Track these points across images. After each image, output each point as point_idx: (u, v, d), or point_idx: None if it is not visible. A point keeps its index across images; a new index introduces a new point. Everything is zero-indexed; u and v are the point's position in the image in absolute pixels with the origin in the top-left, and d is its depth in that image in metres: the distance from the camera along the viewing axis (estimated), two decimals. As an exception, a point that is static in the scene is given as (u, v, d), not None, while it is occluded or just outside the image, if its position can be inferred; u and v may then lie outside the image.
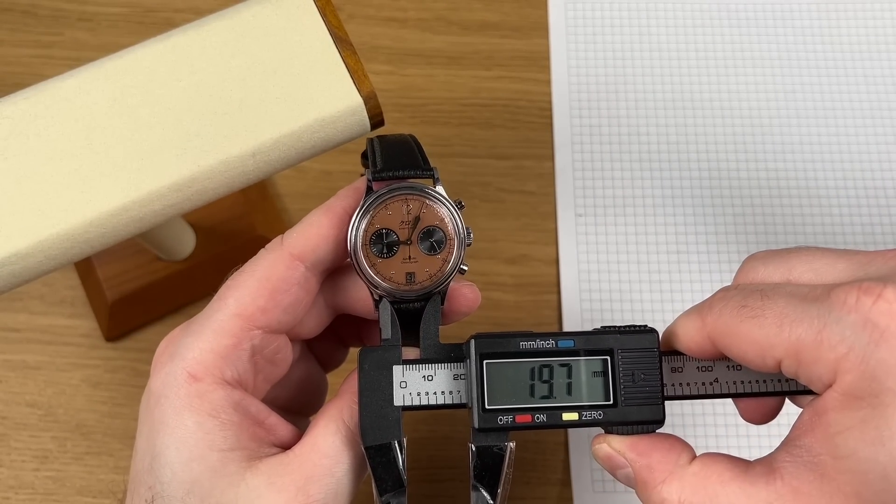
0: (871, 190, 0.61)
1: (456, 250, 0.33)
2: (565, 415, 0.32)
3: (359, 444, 0.32)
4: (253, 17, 0.41)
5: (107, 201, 0.38)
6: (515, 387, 0.32)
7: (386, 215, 0.33)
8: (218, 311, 0.32)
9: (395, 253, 0.33)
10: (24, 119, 0.39)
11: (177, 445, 0.30)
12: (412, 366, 0.32)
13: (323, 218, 0.33)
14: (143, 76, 0.40)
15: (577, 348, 0.32)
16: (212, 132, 0.39)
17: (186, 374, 0.31)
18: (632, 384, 0.32)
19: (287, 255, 0.33)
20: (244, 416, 0.32)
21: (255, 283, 0.32)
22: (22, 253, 0.37)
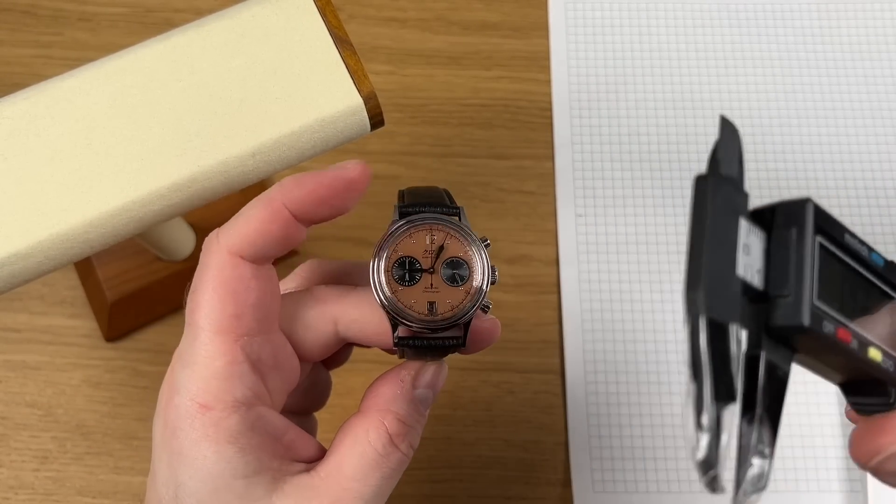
0: (872, 190, 0.61)
1: (479, 285, 0.33)
2: (872, 350, 0.25)
3: (388, 464, 0.32)
4: (253, 18, 0.41)
5: (107, 201, 0.38)
6: (841, 294, 0.24)
7: (409, 244, 0.32)
8: (197, 338, 0.31)
9: (417, 281, 0.32)
10: (23, 119, 0.39)
11: (200, 477, 0.30)
12: (756, 227, 0.23)
13: (261, 212, 0.31)
14: (142, 76, 0.40)
15: (882, 270, 0.26)
16: (212, 132, 0.39)
17: (197, 405, 0.30)
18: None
19: (226, 254, 0.31)
20: (263, 436, 0.31)
21: (214, 294, 0.31)
22: (22, 253, 0.37)
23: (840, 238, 0.25)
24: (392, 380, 0.33)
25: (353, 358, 0.57)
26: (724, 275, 0.22)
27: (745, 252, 0.23)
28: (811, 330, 0.23)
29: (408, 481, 0.54)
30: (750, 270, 0.23)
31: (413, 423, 0.33)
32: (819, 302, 0.23)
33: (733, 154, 0.23)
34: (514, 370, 0.57)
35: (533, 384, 0.56)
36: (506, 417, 0.56)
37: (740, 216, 0.23)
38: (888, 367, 0.26)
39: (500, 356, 0.57)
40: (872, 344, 0.25)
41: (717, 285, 0.22)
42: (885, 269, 0.26)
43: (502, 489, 0.54)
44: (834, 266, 0.24)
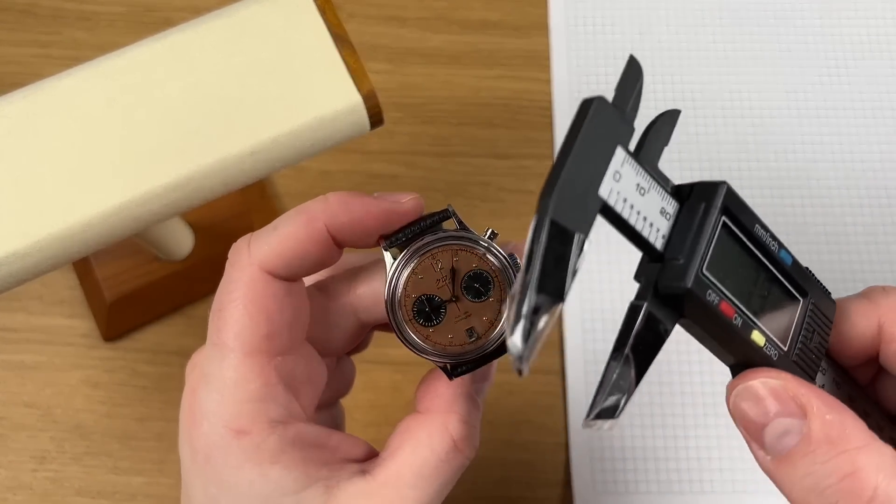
0: (873, 189, 0.61)
1: (507, 283, 0.30)
2: (755, 334, 0.25)
3: (450, 469, 0.30)
4: (252, 16, 0.41)
5: (105, 201, 0.38)
6: (727, 268, 0.25)
7: (418, 281, 0.30)
8: (226, 358, 0.29)
9: (443, 315, 0.30)
10: (22, 118, 0.38)
11: (247, 500, 0.29)
12: (634, 162, 0.24)
13: (301, 230, 0.29)
14: (141, 75, 0.39)
15: (790, 269, 0.26)
16: (210, 131, 0.39)
17: (231, 432, 0.28)
18: (807, 343, 0.27)
19: (258, 270, 0.29)
20: (305, 448, 0.30)
21: (245, 313, 0.29)
22: (20, 253, 0.37)
23: (749, 226, 0.26)
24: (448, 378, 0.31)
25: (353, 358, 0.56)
26: (581, 189, 0.23)
27: (615, 179, 0.24)
28: (693, 294, 0.24)
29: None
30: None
31: (475, 423, 0.31)
32: (708, 272, 0.24)
33: (631, 92, 0.24)
34: (514, 370, 0.56)
35: (533, 384, 0.56)
36: (506, 418, 0.55)
37: (618, 145, 0.24)
38: (771, 354, 0.26)
39: (500, 356, 0.57)
40: (758, 327, 0.26)
41: (569, 195, 0.23)
42: (792, 267, 0.27)
43: (503, 490, 0.54)
44: (733, 247, 0.25)
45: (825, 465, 0.23)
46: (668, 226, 0.25)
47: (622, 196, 0.24)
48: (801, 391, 0.25)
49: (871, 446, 0.23)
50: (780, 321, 0.26)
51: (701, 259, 0.24)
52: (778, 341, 0.26)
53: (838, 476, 0.23)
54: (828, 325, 0.28)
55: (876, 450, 0.23)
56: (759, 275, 0.26)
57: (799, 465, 0.24)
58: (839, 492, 0.23)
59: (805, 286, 0.27)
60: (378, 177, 0.59)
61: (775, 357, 0.26)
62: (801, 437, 0.24)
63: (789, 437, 0.24)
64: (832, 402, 0.25)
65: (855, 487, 0.23)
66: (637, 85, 0.25)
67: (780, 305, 0.27)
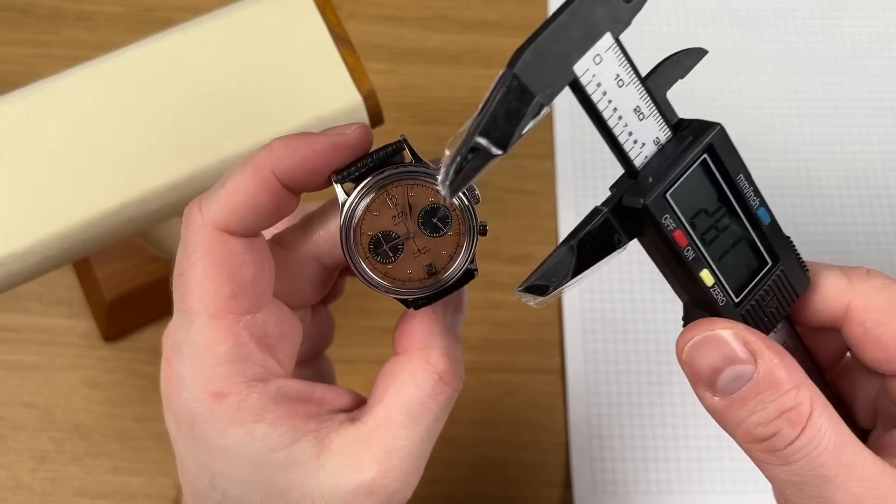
0: (874, 189, 0.61)
1: (465, 216, 0.29)
2: (705, 272, 0.26)
3: (438, 403, 0.30)
4: (252, 16, 0.41)
5: (105, 201, 0.38)
6: (693, 204, 0.26)
7: (373, 218, 0.29)
8: (193, 324, 0.28)
9: (401, 252, 0.29)
10: (21, 118, 0.38)
11: (237, 463, 0.28)
12: (621, 55, 0.25)
13: (248, 182, 0.28)
14: (141, 75, 0.39)
15: (766, 230, 0.27)
16: (210, 131, 0.39)
17: (210, 396, 0.28)
18: (762, 303, 0.28)
19: (212, 230, 0.28)
20: (289, 403, 0.29)
21: (205, 275, 0.28)
22: (19, 253, 0.37)
23: (732, 174, 0.26)
24: (422, 315, 0.31)
25: (353, 358, 0.56)
26: (554, 55, 0.23)
27: (595, 62, 0.24)
28: (648, 212, 0.25)
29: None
30: (599, 91, 0.25)
31: (457, 355, 0.31)
32: (671, 199, 0.25)
33: (638, 4, 0.25)
34: (514, 370, 0.56)
35: (533, 384, 0.56)
36: (506, 418, 0.55)
37: (608, 31, 0.24)
38: (717, 297, 0.27)
39: (500, 356, 0.57)
40: (710, 268, 0.26)
41: (540, 59, 0.23)
42: (768, 228, 0.27)
43: (503, 490, 0.54)
44: (707, 186, 0.26)
45: (776, 401, 0.26)
46: (654, 150, 0.26)
47: (597, 80, 0.25)
48: (751, 338, 0.27)
49: (808, 384, 0.26)
50: (740, 273, 0.27)
51: (668, 184, 0.25)
52: (730, 290, 0.27)
53: (781, 410, 0.26)
54: (792, 296, 0.28)
55: (811, 387, 0.26)
56: (729, 222, 0.27)
57: (749, 405, 0.26)
58: (781, 421, 0.26)
59: (779, 252, 0.28)
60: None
61: (721, 302, 0.27)
62: (752, 379, 0.26)
63: (740, 380, 0.26)
64: (776, 347, 0.27)
65: (793, 418, 0.26)
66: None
67: (745, 259, 0.27)
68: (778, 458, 0.26)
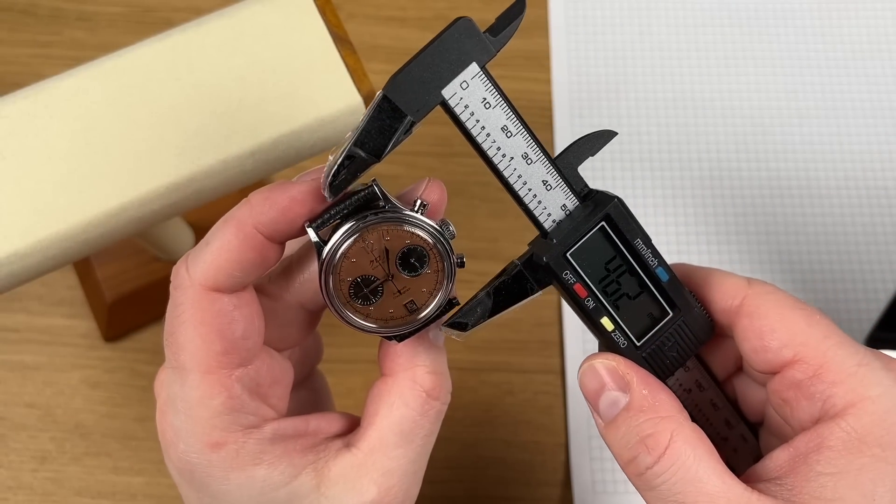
0: (873, 189, 0.61)
1: (442, 254, 0.29)
2: (605, 319, 0.30)
3: (429, 419, 0.31)
4: (252, 17, 0.41)
5: (105, 201, 0.38)
6: (595, 263, 0.30)
7: (351, 265, 0.29)
8: (186, 381, 0.29)
9: (381, 294, 0.29)
10: (22, 118, 0.38)
11: (241, 503, 0.29)
12: (487, 82, 0.29)
13: (232, 239, 0.28)
14: (141, 75, 0.39)
15: (665, 285, 0.30)
16: (211, 131, 0.39)
17: (208, 447, 0.29)
18: (663, 347, 0.31)
19: (200, 290, 0.29)
20: (286, 441, 0.30)
21: (196, 333, 0.29)
22: (20, 253, 0.37)
23: (629, 238, 0.30)
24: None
25: (352, 358, 0.56)
26: (425, 80, 0.28)
27: (462, 87, 0.28)
28: (551, 268, 0.29)
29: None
30: (472, 118, 0.29)
31: (441, 368, 0.32)
32: (572, 258, 0.29)
33: (507, 24, 0.29)
34: (514, 370, 0.56)
35: (533, 384, 0.56)
36: (506, 418, 0.55)
37: (474, 60, 0.28)
38: (618, 341, 0.30)
39: (500, 356, 0.57)
40: (610, 315, 0.30)
41: (410, 83, 0.27)
42: (668, 284, 0.30)
43: (502, 490, 0.54)
44: (606, 248, 0.30)
45: (637, 427, 0.29)
46: (562, 215, 0.30)
47: (465, 103, 0.28)
48: (627, 371, 0.30)
49: (674, 417, 0.29)
50: (642, 321, 0.31)
51: (568, 245, 0.29)
52: (632, 335, 0.31)
53: (641, 436, 0.29)
54: (694, 342, 0.31)
55: (677, 420, 0.29)
56: (630, 278, 0.30)
57: (621, 427, 0.29)
58: (640, 446, 0.29)
59: (679, 304, 0.31)
60: (378, 177, 0.59)
61: (623, 345, 0.31)
62: (624, 406, 0.29)
63: (615, 406, 0.30)
64: (650, 380, 0.30)
65: (651, 444, 0.28)
66: (516, 20, 0.29)
67: (647, 309, 0.31)
68: (641, 481, 0.29)
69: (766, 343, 0.30)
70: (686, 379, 0.33)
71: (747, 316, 0.30)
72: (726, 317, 0.31)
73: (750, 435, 0.34)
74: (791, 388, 0.29)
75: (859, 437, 0.27)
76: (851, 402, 0.28)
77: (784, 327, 0.30)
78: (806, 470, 0.28)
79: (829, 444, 0.28)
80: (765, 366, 0.30)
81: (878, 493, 0.27)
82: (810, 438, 0.28)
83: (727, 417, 0.33)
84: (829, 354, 0.29)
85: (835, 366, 0.28)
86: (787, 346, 0.29)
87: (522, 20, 0.29)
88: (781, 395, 0.30)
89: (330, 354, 0.56)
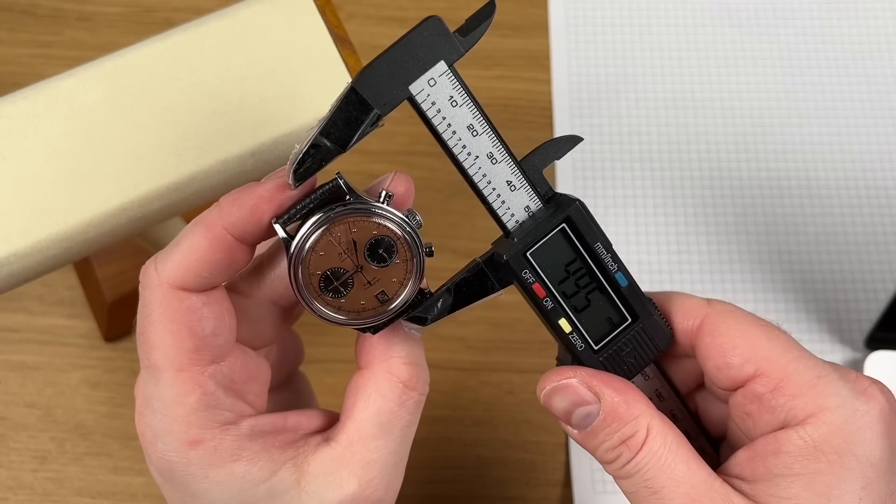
0: (873, 189, 0.61)
1: (409, 243, 0.29)
2: (563, 321, 0.31)
3: (407, 410, 0.31)
4: (252, 17, 0.41)
5: (106, 201, 0.38)
6: (555, 264, 0.30)
7: (319, 258, 0.29)
8: (160, 379, 0.29)
9: (352, 286, 0.29)
10: (22, 119, 0.38)
11: (222, 501, 0.30)
12: (455, 80, 0.29)
13: (202, 240, 0.29)
14: (141, 76, 0.39)
15: (624, 291, 0.31)
16: (211, 131, 0.39)
17: (186, 445, 0.29)
18: (621, 353, 0.31)
19: (168, 289, 0.29)
20: (264, 437, 0.30)
21: (166, 332, 0.29)
22: (20, 253, 0.37)
23: (590, 242, 0.30)
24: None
25: (343, 358, 0.56)
26: (392, 75, 0.28)
27: (430, 84, 0.29)
28: (510, 267, 0.30)
29: (408, 482, 0.54)
30: (438, 114, 0.29)
31: (417, 359, 0.32)
32: (531, 257, 0.30)
33: (476, 25, 0.29)
34: (514, 370, 0.56)
35: (533, 384, 0.56)
36: (506, 418, 0.56)
37: (441, 59, 0.29)
38: (576, 343, 0.31)
39: (501, 356, 0.57)
40: (568, 317, 0.31)
41: (378, 77, 0.28)
42: (627, 290, 0.31)
43: (502, 490, 0.54)
44: (566, 250, 0.30)
45: (618, 432, 0.30)
46: (525, 216, 0.30)
47: (432, 100, 0.29)
48: (593, 382, 0.30)
49: (647, 412, 0.30)
50: (601, 325, 0.31)
51: (528, 245, 0.30)
52: (590, 338, 0.31)
53: (623, 439, 0.30)
54: (653, 350, 0.32)
55: (649, 414, 0.30)
56: (589, 281, 0.31)
57: (600, 434, 0.30)
58: (623, 447, 0.30)
59: (638, 311, 0.31)
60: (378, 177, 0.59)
61: (580, 348, 0.31)
62: (598, 417, 0.30)
63: (590, 417, 0.30)
64: (618, 384, 0.31)
65: (632, 444, 0.30)
66: (486, 21, 0.30)
67: (606, 314, 0.31)
68: (620, 473, 0.30)
69: (728, 360, 0.30)
70: (646, 388, 0.33)
71: (709, 334, 0.31)
72: (687, 337, 0.32)
73: (710, 448, 0.34)
74: (753, 402, 0.30)
75: (815, 445, 0.29)
76: (811, 412, 0.29)
77: (745, 344, 0.30)
78: (763, 471, 0.29)
79: (786, 449, 0.29)
80: (728, 382, 0.31)
81: (833, 495, 0.28)
82: (769, 442, 0.29)
83: (687, 429, 0.33)
84: (790, 368, 0.30)
85: (795, 379, 0.29)
86: (749, 361, 0.30)
87: (492, 22, 0.30)
88: (744, 409, 0.31)
89: (329, 354, 0.56)
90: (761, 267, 0.59)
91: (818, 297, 0.58)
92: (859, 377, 0.30)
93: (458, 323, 0.57)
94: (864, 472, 0.28)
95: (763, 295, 0.58)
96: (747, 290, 0.58)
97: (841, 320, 0.57)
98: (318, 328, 0.35)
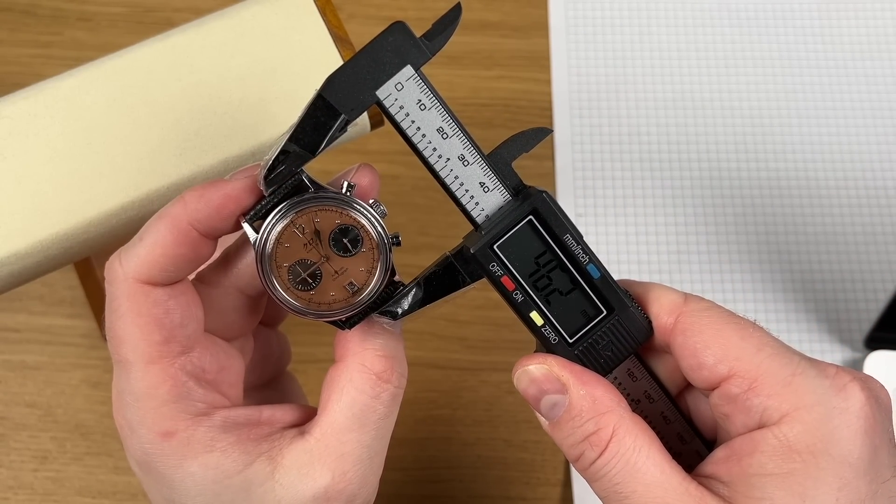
0: (872, 190, 0.61)
1: (374, 231, 0.30)
2: (534, 313, 0.31)
3: (381, 402, 0.31)
4: (253, 17, 0.41)
5: (106, 201, 0.38)
6: (524, 257, 0.30)
7: (285, 250, 0.29)
8: (130, 372, 0.30)
9: (321, 277, 0.30)
10: (23, 119, 0.38)
11: (197, 492, 0.30)
12: (423, 84, 0.29)
13: (166, 235, 0.29)
14: (142, 76, 0.40)
15: (597, 283, 0.30)
16: (211, 132, 0.39)
17: (159, 436, 0.29)
18: (597, 346, 0.31)
19: (133, 283, 0.29)
20: (238, 429, 0.30)
21: (134, 325, 0.29)
22: (21, 253, 0.37)
23: (558, 233, 0.30)
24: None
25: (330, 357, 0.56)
26: (359, 81, 0.29)
27: (397, 88, 0.29)
28: (477, 260, 0.30)
29: (408, 481, 0.54)
30: (408, 119, 0.29)
31: (394, 352, 0.32)
32: (499, 250, 0.30)
33: (442, 29, 0.30)
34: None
35: (533, 384, 0.56)
36: (506, 417, 0.56)
37: (408, 63, 0.29)
38: (549, 336, 0.31)
39: (500, 356, 0.57)
40: (539, 310, 0.31)
41: (344, 83, 0.28)
42: (599, 282, 0.30)
43: (503, 489, 0.54)
44: (534, 242, 0.30)
45: (581, 427, 0.29)
46: (494, 210, 0.30)
47: (400, 104, 0.29)
48: (562, 373, 0.30)
49: (614, 410, 0.30)
50: (575, 318, 0.31)
51: (495, 237, 0.30)
52: (564, 331, 0.31)
53: (585, 435, 0.29)
54: (631, 342, 0.31)
55: (617, 413, 0.29)
56: (561, 274, 0.30)
57: (565, 427, 0.30)
58: (585, 444, 0.29)
59: (613, 303, 0.31)
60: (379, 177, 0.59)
61: (553, 341, 0.31)
62: (565, 407, 0.30)
63: (557, 407, 0.30)
64: (586, 377, 0.30)
65: (594, 441, 0.29)
66: (451, 26, 0.30)
67: (579, 307, 0.31)
68: (587, 474, 0.30)
69: (700, 360, 0.30)
70: (634, 389, 0.32)
71: (682, 333, 0.30)
72: (664, 335, 0.31)
73: (706, 451, 0.33)
74: (729, 403, 0.30)
75: (790, 444, 0.28)
76: (786, 412, 0.28)
77: (718, 343, 0.30)
78: (739, 471, 0.29)
79: (761, 448, 0.28)
80: (703, 383, 0.30)
81: (808, 495, 0.27)
82: (745, 442, 0.29)
83: (680, 432, 0.33)
84: (764, 367, 0.29)
85: (769, 377, 0.29)
86: (722, 361, 0.29)
87: (458, 25, 0.30)
88: (721, 410, 0.30)
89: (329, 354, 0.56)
90: (761, 267, 0.59)
91: (818, 297, 0.58)
92: (840, 373, 0.29)
93: (458, 323, 0.58)
94: (841, 473, 0.28)
95: (763, 295, 0.58)
96: (747, 290, 0.58)
97: (840, 320, 0.57)
98: (319, 328, 0.35)
